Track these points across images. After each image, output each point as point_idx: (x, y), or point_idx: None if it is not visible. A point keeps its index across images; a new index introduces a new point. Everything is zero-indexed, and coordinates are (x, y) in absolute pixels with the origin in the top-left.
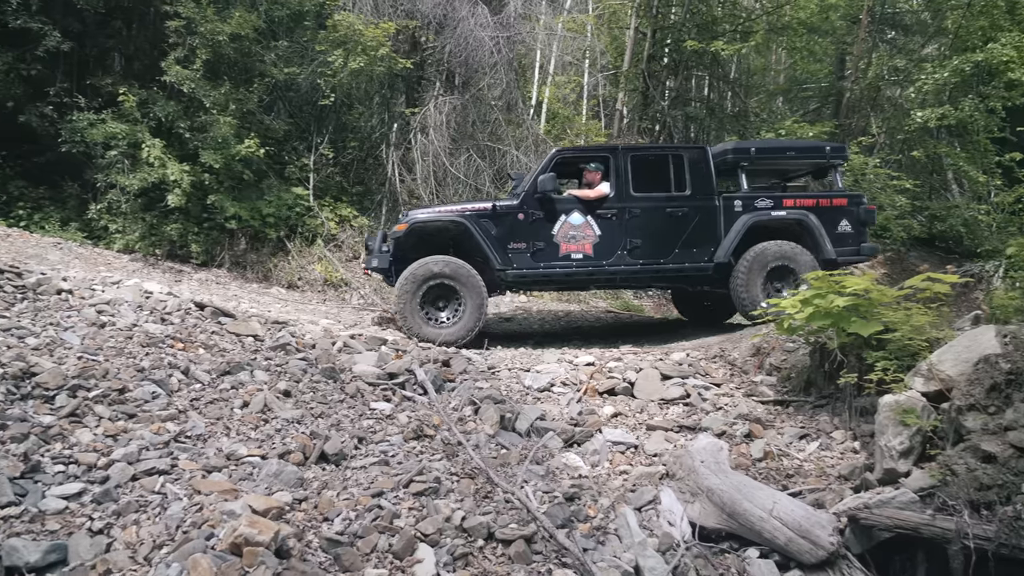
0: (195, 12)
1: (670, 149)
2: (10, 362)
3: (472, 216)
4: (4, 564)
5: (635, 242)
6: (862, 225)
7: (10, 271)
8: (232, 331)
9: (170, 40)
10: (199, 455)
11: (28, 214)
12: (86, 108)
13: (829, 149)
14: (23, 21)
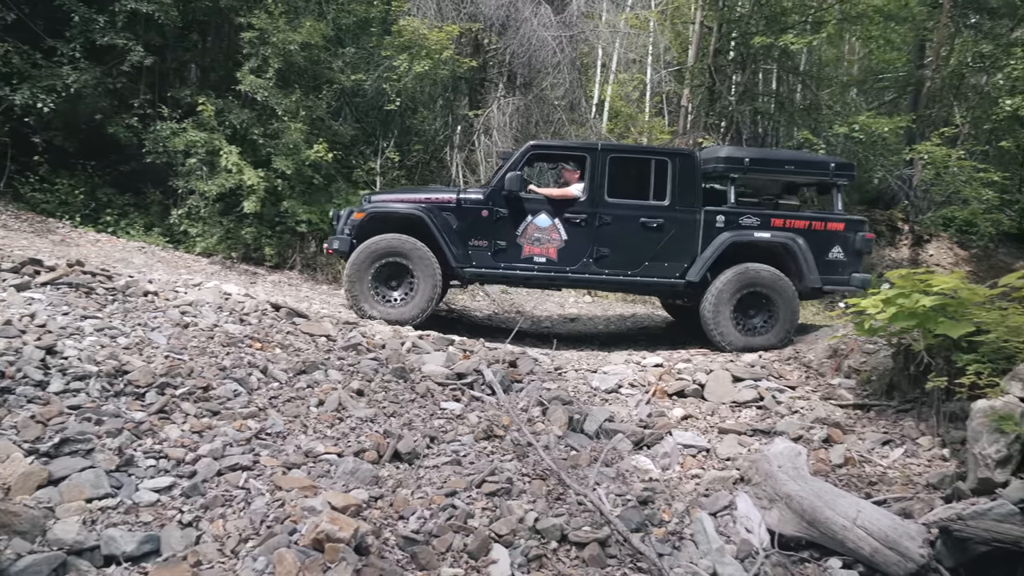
0: (268, 23)
1: (654, 153)
2: (104, 360)
3: (431, 208)
4: (103, 552)
5: (602, 251)
6: (857, 254)
7: (102, 274)
8: (306, 331)
9: (244, 51)
10: (279, 452)
11: (115, 220)
12: (168, 118)
13: (833, 166)
14: (110, 38)
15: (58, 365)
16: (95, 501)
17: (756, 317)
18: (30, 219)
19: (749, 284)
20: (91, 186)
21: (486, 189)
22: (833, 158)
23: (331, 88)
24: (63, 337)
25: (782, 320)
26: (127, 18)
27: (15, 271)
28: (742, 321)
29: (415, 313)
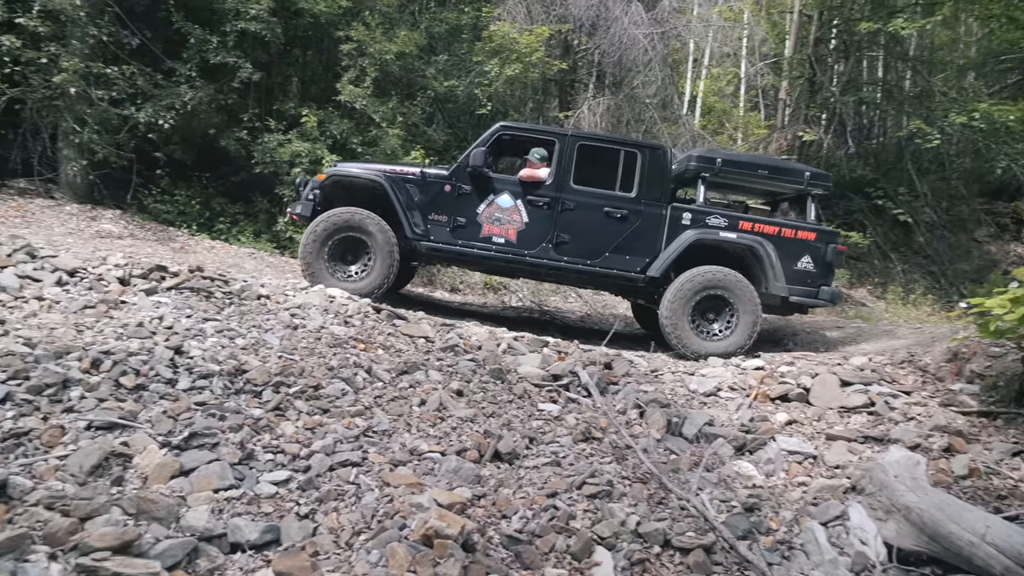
0: (365, 35)
1: (624, 144)
2: (225, 360)
3: (393, 178)
4: (229, 540)
5: (563, 236)
6: (827, 266)
7: (219, 279)
8: (405, 333)
9: (343, 63)
10: (385, 449)
11: (227, 228)
12: (274, 130)
13: (809, 175)
14: (222, 57)
15: (185, 364)
16: (221, 492)
17: (716, 322)
18: (153, 228)
19: (709, 286)
20: (206, 196)
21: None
22: (809, 167)
23: (425, 95)
24: (188, 338)
25: (741, 327)
26: (237, 37)
27: (144, 277)
28: (700, 325)
29: (371, 288)
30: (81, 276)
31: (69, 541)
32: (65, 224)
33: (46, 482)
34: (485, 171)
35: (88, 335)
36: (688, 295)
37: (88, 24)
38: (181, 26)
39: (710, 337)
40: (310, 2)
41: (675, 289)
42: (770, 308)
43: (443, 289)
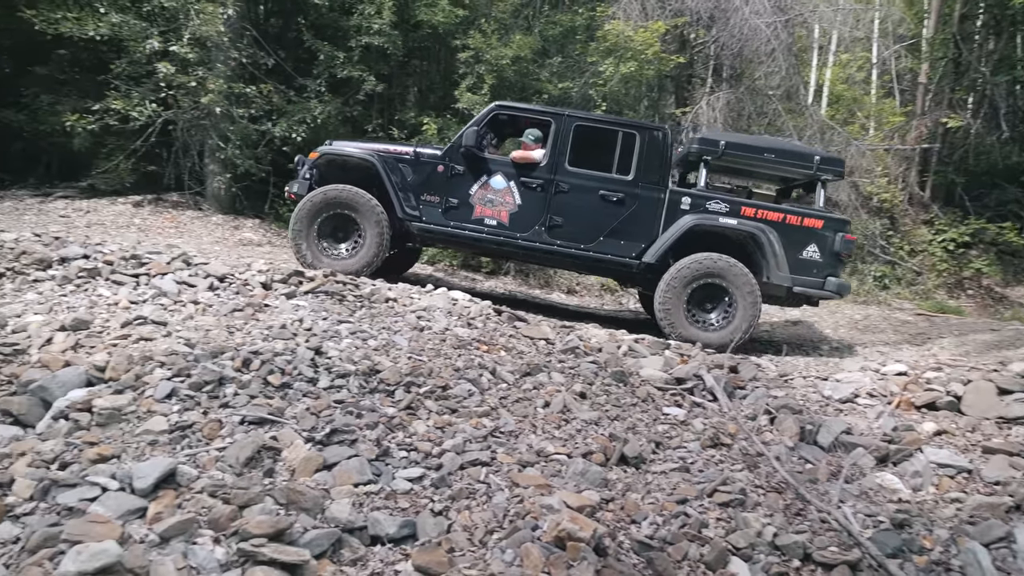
0: (482, 42)
1: (623, 125)
2: (360, 360)
3: (385, 157)
4: (369, 532)
5: (556, 220)
6: (835, 256)
7: (350, 283)
8: (526, 334)
9: (460, 71)
10: (513, 450)
11: None
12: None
13: (819, 159)
14: (348, 71)
15: (324, 364)
16: (361, 486)
17: (713, 311)
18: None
19: (706, 274)
20: None
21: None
22: (819, 151)
23: (540, 98)
24: (326, 339)
25: (739, 317)
26: (362, 52)
27: (283, 281)
28: (696, 314)
29: (361, 265)
30: (229, 282)
31: (230, 527)
32: (212, 233)
33: (208, 471)
34: (478, 151)
35: (238, 336)
36: (684, 282)
37: (230, 48)
38: (311, 44)
39: (706, 327)
40: (429, 14)
41: (670, 276)
42: (775, 299)
43: (559, 291)
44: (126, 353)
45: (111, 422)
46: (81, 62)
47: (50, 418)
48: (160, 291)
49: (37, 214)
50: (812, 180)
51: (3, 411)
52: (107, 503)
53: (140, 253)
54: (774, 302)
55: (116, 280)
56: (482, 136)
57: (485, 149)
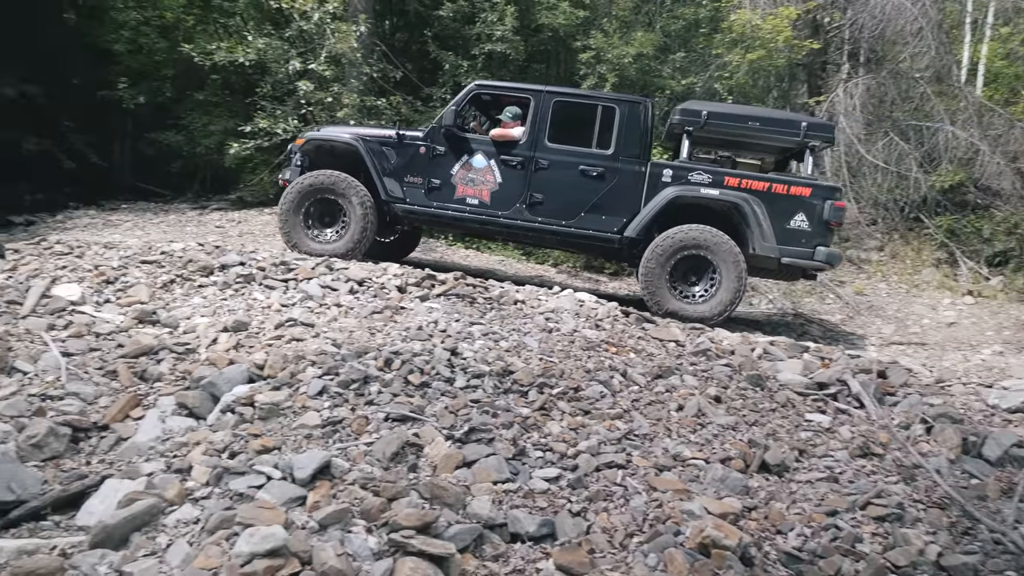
0: (603, 42)
1: (602, 99)
2: (494, 361)
3: (369, 141)
4: (509, 530)
5: (536, 197)
6: (824, 225)
7: (480, 286)
8: (655, 336)
9: (581, 72)
10: (648, 453)
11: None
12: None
13: (806, 126)
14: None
15: (460, 364)
16: (499, 484)
17: (698, 284)
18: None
19: (687, 246)
20: None
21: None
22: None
23: (662, 95)
24: (460, 340)
25: (724, 289)
26: (485, 59)
27: (417, 285)
28: (681, 288)
29: (345, 249)
30: (367, 285)
31: (380, 518)
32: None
33: (358, 464)
34: (458, 131)
35: (379, 337)
36: (665, 255)
37: (362, 64)
38: (436, 55)
39: (691, 300)
40: (550, 17)
41: (652, 249)
42: (767, 272)
43: None
44: (281, 352)
45: (271, 416)
46: (231, 85)
47: (219, 411)
48: (307, 295)
49: (197, 225)
50: (801, 148)
51: (180, 404)
52: (272, 491)
53: (288, 260)
54: (767, 275)
55: (268, 285)
56: (462, 116)
57: (469, 129)
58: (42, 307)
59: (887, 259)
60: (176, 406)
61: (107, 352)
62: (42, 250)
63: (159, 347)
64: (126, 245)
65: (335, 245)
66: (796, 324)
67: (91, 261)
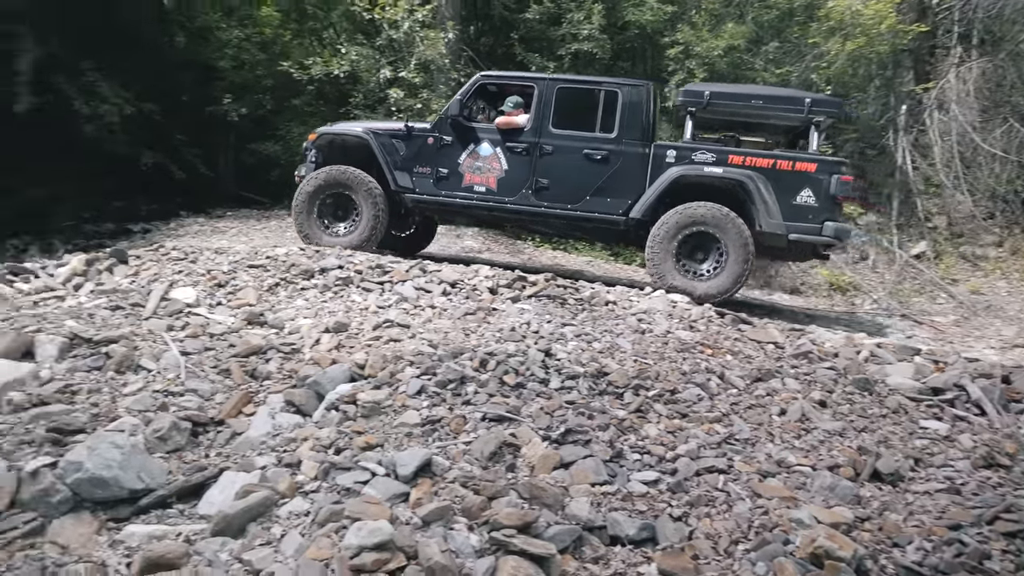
0: (692, 36)
1: (604, 84)
2: (588, 363)
3: (379, 134)
4: (608, 532)
5: (542, 182)
6: (831, 200)
7: (571, 287)
8: (752, 338)
9: (669, 68)
10: (750, 458)
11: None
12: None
13: (810, 101)
14: None
15: (554, 365)
16: (597, 486)
17: (705, 262)
18: (504, 242)
19: (693, 223)
20: None
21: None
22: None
23: None
24: (553, 342)
25: (730, 266)
26: (571, 59)
27: (508, 286)
28: (687, 265)
29: (359, 241)
30: (460, 287)
31: (481, 516)
32: (438, 241)
33: (457, 463)
34: (464, 121)
35: (473, 338)
36: (671, 233)
37: (450, 69)
38: (522, 57)
39: (696, 277)
40: (637, 14)
41: (657, 227)
42: (777, 251)
43: (781, 291)
44: (380, 353)
45: (373, 414)
46: (325, 95)
47: (324, 409)
48: (402, 297)
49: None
50: (806, 124)
51: (287, 401)
52: (376, 486)
53: (383, 263)
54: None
55: (365, 287)
56: (468, 106)
57: (476, 119)
58: (162, 309)
59: (1007, 255)
60: (284, 403)
61: (220, 351)
62: (160, 256)
63: (267, 347)
64: (234, 250)
65: (348, 238)
66: (904, 325)
67: (204, 266)
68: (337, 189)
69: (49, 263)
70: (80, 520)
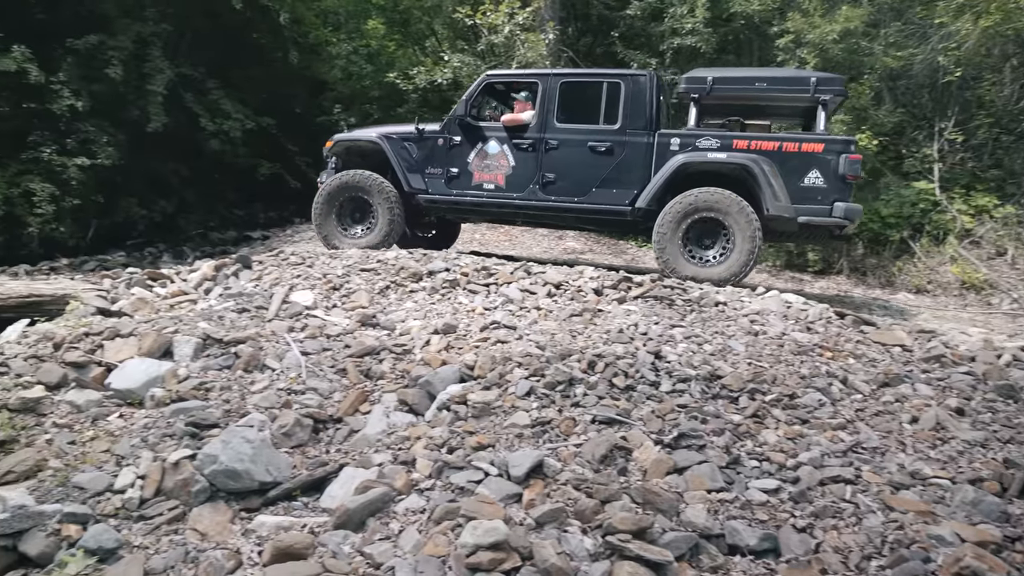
0: (803, 23)
1: (606, 76)
2: (700, 365)
3: (391, 137)
4: (727, 541)
5: (548, 176)
6: (840, 180)
7: (678, 287)
8: (876, 340)
9: (777, 58)
10: (879, 468)
11: None
12: None
13: (815, 81)
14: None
15: (664, 368)
16: (713, 493)
17: (712, 248)
18: (606, 242)
19: (699, 208)
20: None
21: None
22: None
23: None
24: (662, 344)
25: (737, 250)
26: (673, 55)
27: (614, 287)
28: (695, 251)
29: (376, 242)
30: (564, 288)
31: (594, 520)
32: (539, 244)
33: (568, 465)
34: (472, 121)
35: (580, 340)
36: (677, 219)
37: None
38: (623, 55)
39: (703, 263)
40: (743, 4)
41: (663, 214)
42: (789, 235)
43: (905, 291)
44: (489, 354)
45: (483, 414)
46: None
47: (435, 408)
48: (507, 298)
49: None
50: (812, 104)
51: (400, 401)
52: (490, 486)
53: (489, 265)
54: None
55: (471, 289)
56: (475, 106)
57: (485, 118)
58: (283, 312)
59: None
60: (398, 402)
61: (337, 352)
62: (280, 261)
63: (380, 348)
64: (347, 255)
65: (366, 239)
66: None
67: (320, 270)
68: (353, 193)
69: (182, 269)
70: (216, 509)
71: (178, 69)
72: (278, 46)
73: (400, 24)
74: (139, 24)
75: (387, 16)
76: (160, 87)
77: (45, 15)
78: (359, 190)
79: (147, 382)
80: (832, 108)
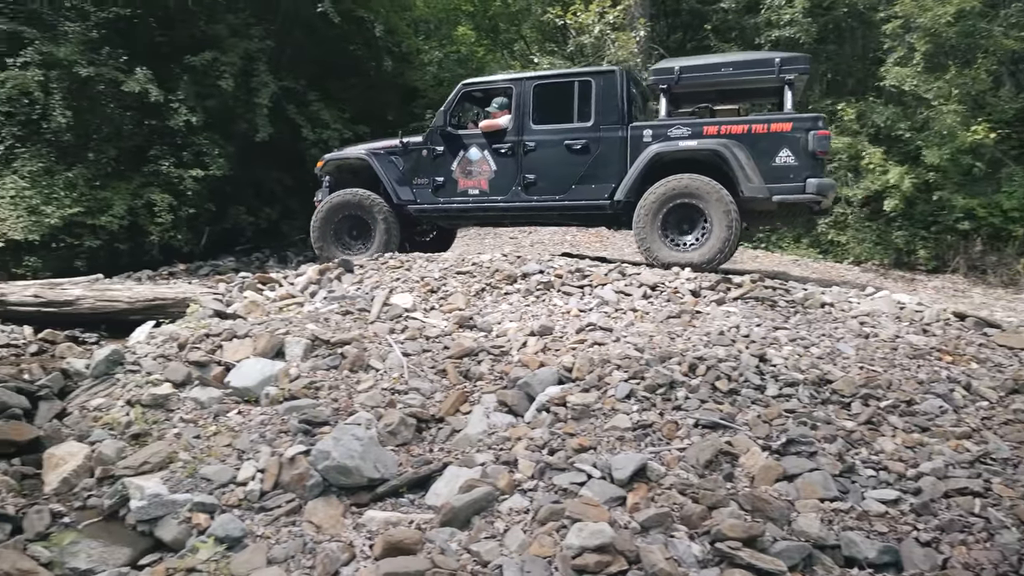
0: (913, 7)
1: (576, 76)
2: (808, 369)
3: (378, 152)
4: (843, 553)
5: (529, 178)
6: (811, 157)
7: (780, 288)
8: (1002, 344)
9: (885, 45)
10: (1013, 481)
11: (766, 236)
12: None
13: (779, 61)
14: None
15: (769, 371)
16: (827, 502)
17: (691, 233)
18: None
19: (676, 195)
20: None
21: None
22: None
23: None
24: (766, 346)
25: (715, 234)
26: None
27: (712, 288)
28: (674, 237)
29: (374, 254)
30: (660, 290)
31: (701, 525)
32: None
33: (672, 469)
34: (452, 130)
35: (679, 342)
36: (655, 207)
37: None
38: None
39: (683, 248)
40: None
41: (641, 202)
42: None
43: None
44: (586, 356)
45: (583, 417)
46: None
47: (535, 409)
48: (602, 300)
49: (493, 237)
50: (780, 84)
51: (500, 401)
52: (593, 488)
53: (582, 266)
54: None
55: (566, 291)
56: (455, 116)
57: (467, 126)
58: (384, 314)
59: None
60: (497, 403)
61: (436, 353)
62: (380, 265)
63: (478, 349)
64: (443, 258)
65: (364, 254)
66: None
67: (417, 273)
68: (347, 211)
69: (289, 273)
70: (329, 503)
71: (281, 82)
72: (372, 56)
73: (489, 30)
74: (246, 41)
75: (476, 22)
76: (265, 100)
77: (164, 36)
78: (352, 208)
79: (262, 381)
80: (799, 87)
